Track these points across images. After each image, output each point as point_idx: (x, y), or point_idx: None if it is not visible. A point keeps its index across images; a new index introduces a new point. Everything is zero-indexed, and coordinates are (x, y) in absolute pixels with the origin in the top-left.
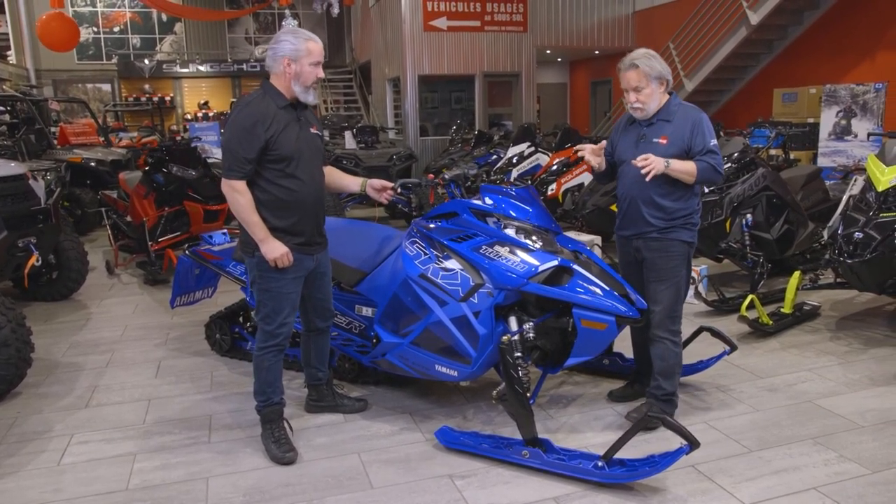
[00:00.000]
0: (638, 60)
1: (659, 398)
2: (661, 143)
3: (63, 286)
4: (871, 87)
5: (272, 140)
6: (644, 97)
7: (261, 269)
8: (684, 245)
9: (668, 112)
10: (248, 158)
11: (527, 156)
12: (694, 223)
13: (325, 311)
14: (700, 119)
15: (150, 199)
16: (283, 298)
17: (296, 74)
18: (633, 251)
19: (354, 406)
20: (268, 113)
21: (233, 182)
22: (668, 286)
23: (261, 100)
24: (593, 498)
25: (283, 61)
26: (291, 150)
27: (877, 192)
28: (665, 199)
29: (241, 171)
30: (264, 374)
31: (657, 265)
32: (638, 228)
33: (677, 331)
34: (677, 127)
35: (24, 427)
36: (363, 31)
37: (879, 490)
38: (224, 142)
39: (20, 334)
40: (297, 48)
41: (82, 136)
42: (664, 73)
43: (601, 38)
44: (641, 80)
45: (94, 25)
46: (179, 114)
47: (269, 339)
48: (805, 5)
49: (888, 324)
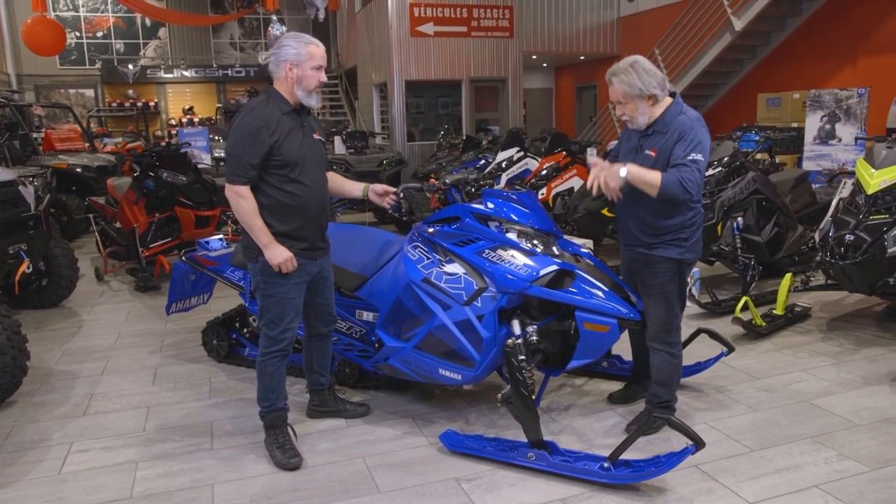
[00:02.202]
0: (615, 76)
1: (655, 405)
2: (650, 155)
3: (53, 293)
4: (855, 92)
5: (276, 145)
6: (629, 111)
7: (264, 275)
8: (671, 262)
9: (664, 122)
10: (252, 164)
11: (516, 160)
12: (684, 238)
13: (327, 316)
14: (688, 129)
15: (141, 205)
16: (286, 304)
17: (298, 79)
18: (629, 260)
19: (357, 411)
20: (272, 118)
21: (236, 187)
22: (656, 301)
23: (265, 105)
24: (600, 499)
25: (286, 66)
26: (295, 156)
27: (866, 195)
28: (651, 214)
29: (245, 177)
30: (268, 381)
31: (644, 280)
32: (628, 240)
33: (674, 342)
34: (668, 139)
35: (21, 436)
36: (349, 36)
37: (879, 487)
38: (228, 147)
39: (16, 342)
40: (299, 52)
41: (67, 142)
42: (645, 87)
43: (586, 44)
44: (623, 97)
45: (77, 30)
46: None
47: (273, 344)
48: (788, 12)
49: (877, 324)
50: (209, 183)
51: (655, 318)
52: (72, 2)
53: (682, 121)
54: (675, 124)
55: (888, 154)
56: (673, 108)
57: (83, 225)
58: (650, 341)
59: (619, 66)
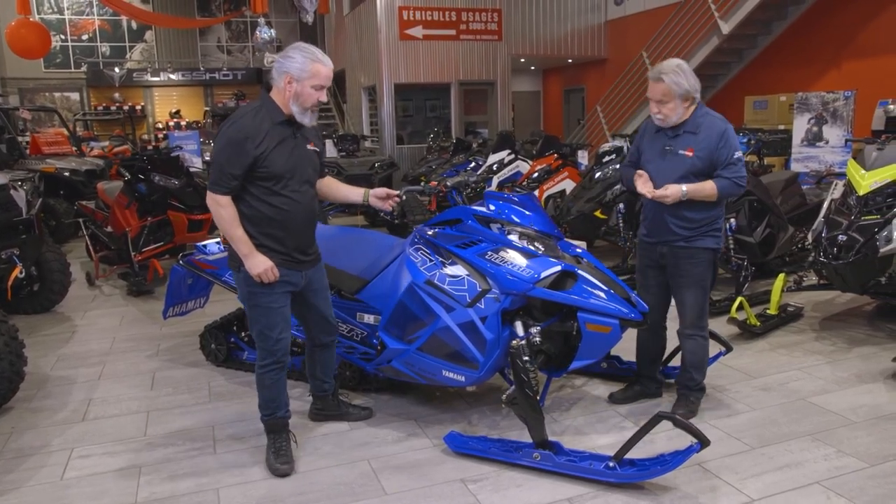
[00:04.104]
0: (665, 75)
1: (692, 388)
2: (687, 154)
3: (45, 298)
4: (841, 94)
5: (262, 157)
6: (667, 110)
7: (248, 285)
8: (709, 251)
9: (693, 123)
10: (234, 174)
11: (507, 163)
12: (718, 228)
13: (327, 325)
14: (726, 130)
15: (133, 209)
16: (273, 313)
17: (296, 94)
18: (658, 257)
19: (360, 414)
20: (260, 129)
21: (217, 196)
22: (694, 290)
23: (255, 114)
24: (606, 497)
25: (286, 77)
26: (282, 169)
27: (858, 195)
28: (689, 211)
29: (227, 187)
30: (267, 392)
31: (684, 271)
32: (663, 236)
33: (705, 325)
34: (704, 138)
35: (20, 443)
36: (337, 39)
37: (879, 483)
38: (213, 153)
39: (13, 347)
40: (303, 68)
41: (55, 146)
42: (691, 89)
43: (574, 47)
44: (666, 95)
45: (62, 33)
46: (150, 123)
47: (268, 356)
48: (774, 16)
49: (868, 323)
50: (201, 186)
51: (693, 306)
52: (56, 4)
53: (715, 122)
54: (707, 125)
55: (879, 156)
56: (699, 109)
57: (72, 229)
58: (686, 328)
59: (666, 66)
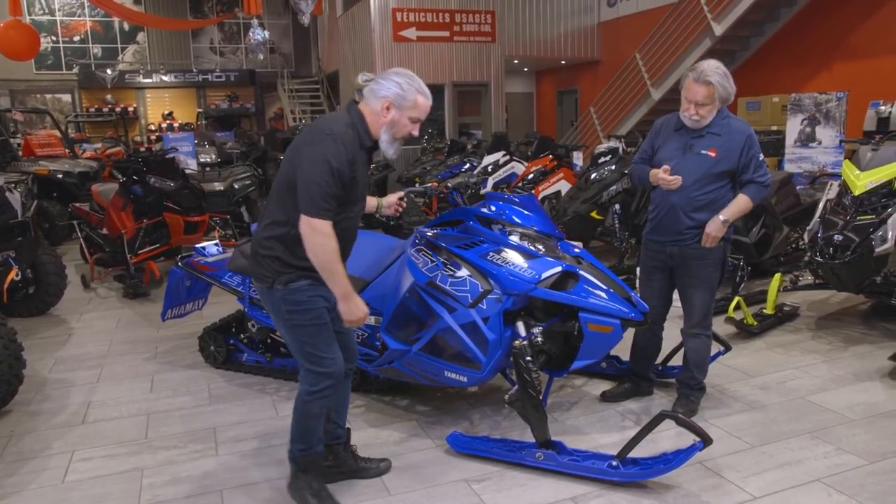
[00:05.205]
0: (713, 78)
1: (693, 387)
2: (710, 155)
3: (41, 301)
4: (833, 96)
5: (353, 181)
6: (705, 112)
7: (287, 304)
8: (719, 249)
9: (718, 125)
10: (336, 195)
11: (502, 164)
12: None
13: (349, 350)
14: (751, 133)
15: (128, 211)
16: (323, 329)
17: (392, 122)
18: (667, 257)
19: (379, 468)
20: (359, 153)
21: (318, 222)
22: (703, 290)
23: (352, 135)
24: (609, 496)
25: (384, 102)
26: (357, 195)
27: (853, 196)
28: (705, 211)
29: (330, 210)
30: (310, 422)
31: (695, 271)
32: (675, 235)
33: (710, 325)
34: (727, 140)
35: (20, 446)
36: (331, 40)
37: (879, 479)
38: (305, 174)
39: (12, 350)
40: (406, 97)
41: (47, 148)
42: (730, 94)
43: (567, 49)
44: (709, 98)
45: (53, 34)
46: (143, 125)
47: (322, 380)
48: (767, 17)
49: (864, 322)
50: (197, 188)
51: (700, 306)
52: (48, 6)
53: (738, 125)
54: (729, 127)
55: (874, 156)
56: (722, 111)
57: (65, 231)
58: (692, 328)
59: (711, 69)
